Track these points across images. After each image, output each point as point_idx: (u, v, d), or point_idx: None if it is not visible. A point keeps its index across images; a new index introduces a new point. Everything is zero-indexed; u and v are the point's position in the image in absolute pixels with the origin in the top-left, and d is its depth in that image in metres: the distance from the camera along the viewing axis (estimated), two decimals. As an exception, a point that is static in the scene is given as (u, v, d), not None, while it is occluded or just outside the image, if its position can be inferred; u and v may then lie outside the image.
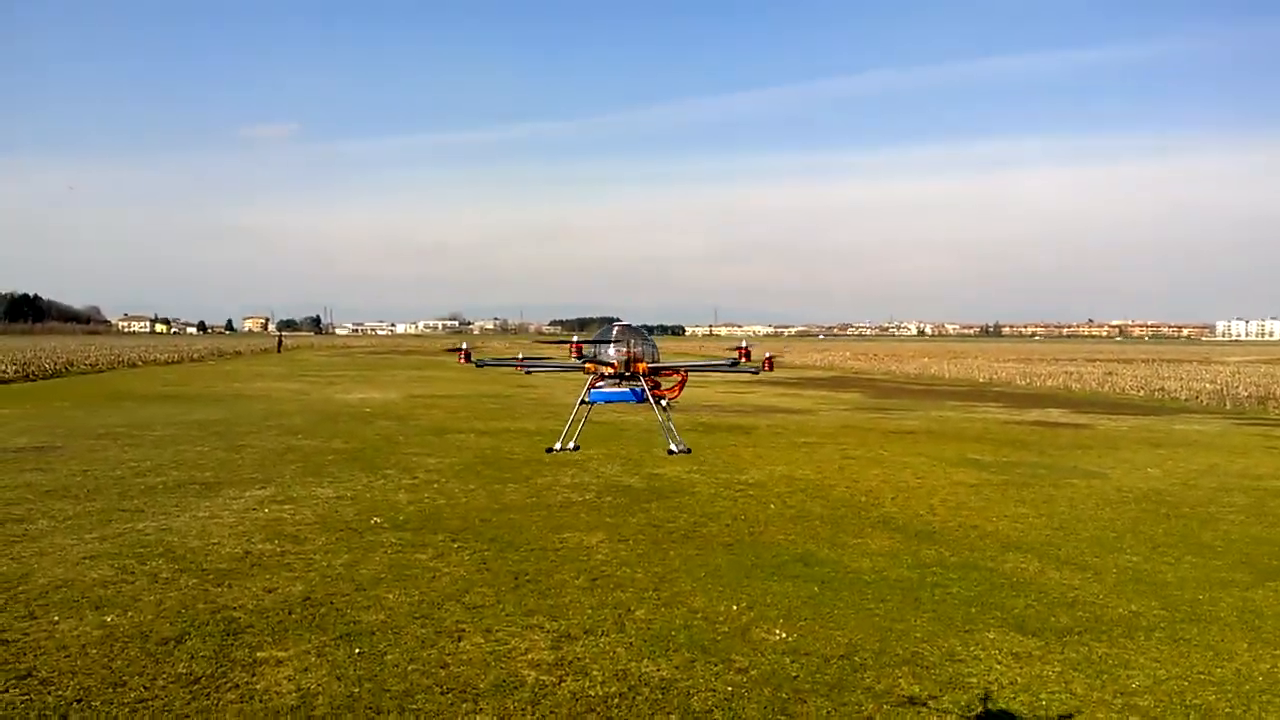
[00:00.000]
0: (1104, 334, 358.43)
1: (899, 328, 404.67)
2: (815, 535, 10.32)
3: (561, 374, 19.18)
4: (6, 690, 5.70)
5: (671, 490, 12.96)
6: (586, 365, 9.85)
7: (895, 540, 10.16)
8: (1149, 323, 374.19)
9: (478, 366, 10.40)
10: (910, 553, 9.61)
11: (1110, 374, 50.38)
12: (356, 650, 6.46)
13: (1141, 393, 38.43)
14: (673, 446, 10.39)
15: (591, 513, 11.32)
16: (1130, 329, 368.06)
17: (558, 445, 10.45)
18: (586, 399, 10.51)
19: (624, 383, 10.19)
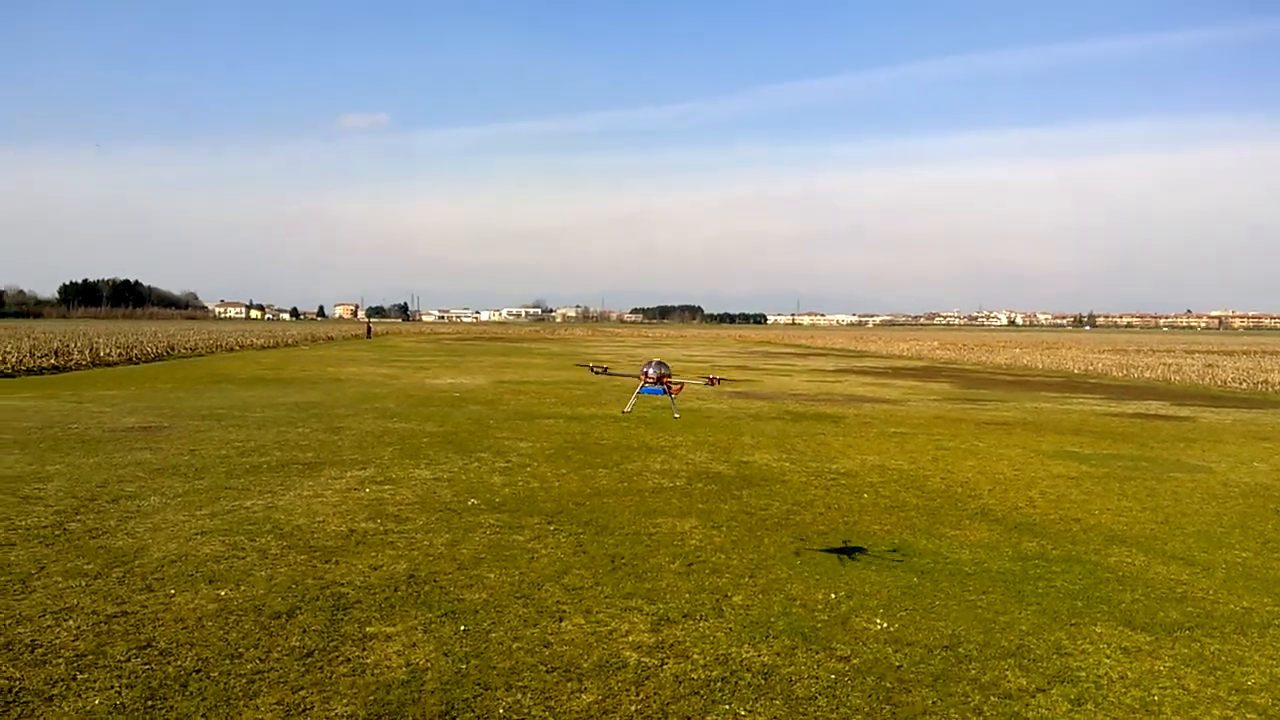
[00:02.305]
0: (1203, 325, 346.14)
1: (988, 317, 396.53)
2: (911, 526, 10.19)
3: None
4: (129, 660, 5.94)
5: (762, 478, 12.92)
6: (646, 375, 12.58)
7: (994, 532, 9.99)
8: (1250, 314, 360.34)
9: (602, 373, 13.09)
10: (1010, 545, 9.43)
11: (1211, 366, 48.67)
12: (462, 628, 6.60)
13: (1244, 385, 37.02)
14: (675, 413, 13.07)
15: (683, 499, 11.35)
16: (1230, 320, 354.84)
17: (628, 408, 13.16)
18: (641, 389, 12.99)
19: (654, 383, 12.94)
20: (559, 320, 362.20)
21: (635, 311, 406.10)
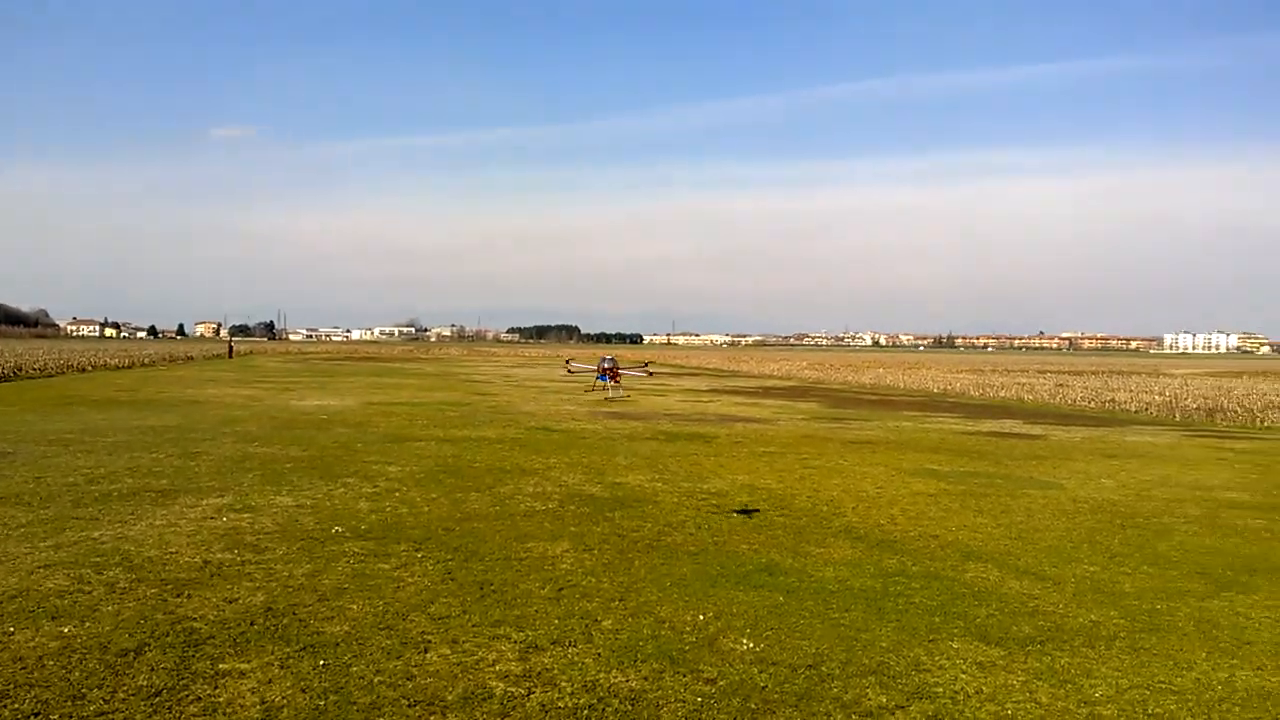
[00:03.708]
0: (1054, 346, 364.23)
1: (854, 338, 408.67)
2: (779, 545, 10.36)
3: (521, 386, 39.23)
4: (-41, 704, 5.55)
5: (634, 500, 12.96)
6: (602, 368, 22.74)
7: (858, 549, 10.24)
8: (1098, 335, 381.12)
9: (570, 372, 16.71)
10: (873, 562, 9.68)
11: (1062, 385, 51.23)
12: (320, 662, 6.38)
13: (1093, 404, 39.09)
14: (615, 395, 16.03)
15: (555, 522, 11.28)
16: (1080, 341, 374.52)
17: (589, 392, 16.69)
18: (598, 377, 22.21)
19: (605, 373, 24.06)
20: (433, 340, 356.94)
21: (512, 331, 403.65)
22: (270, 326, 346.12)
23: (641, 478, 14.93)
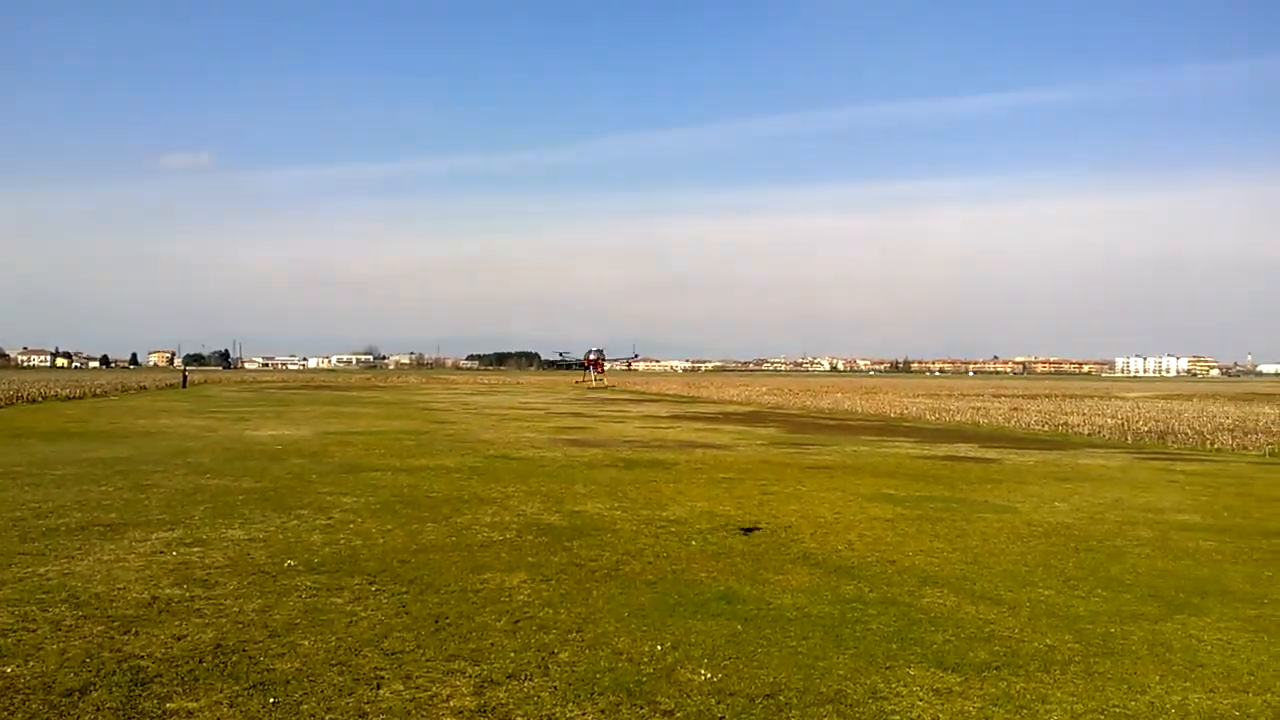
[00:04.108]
0: (1009, 370, 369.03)
1: (812, 363, 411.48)
2: (737, 572, 10.35)
3: (480, 414, 38.71)
4: (-108, 751, 5.37)
5: (593, 528, 12.89)
6: (585, 361, 63.92)
7: (815, 576, 10.25)
8: (1051, 359, 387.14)
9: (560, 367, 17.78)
10: (830, 589, 9.70)
11: (1016, 409, 51.85)
12: (271, 700, 6.25)
13: (1046, 428, 39.58)
14: (603, 382, 16.17)
15: (512, 552, 11.19)
16: (1034, 365, 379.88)
17: (579, 381, 17.01)
18: (586, 369, 65.37)
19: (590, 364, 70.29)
20: (392, 368, 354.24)
21: (471, 358, 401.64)
22: (225, 355, 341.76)
23: (600, 505, 14.87)
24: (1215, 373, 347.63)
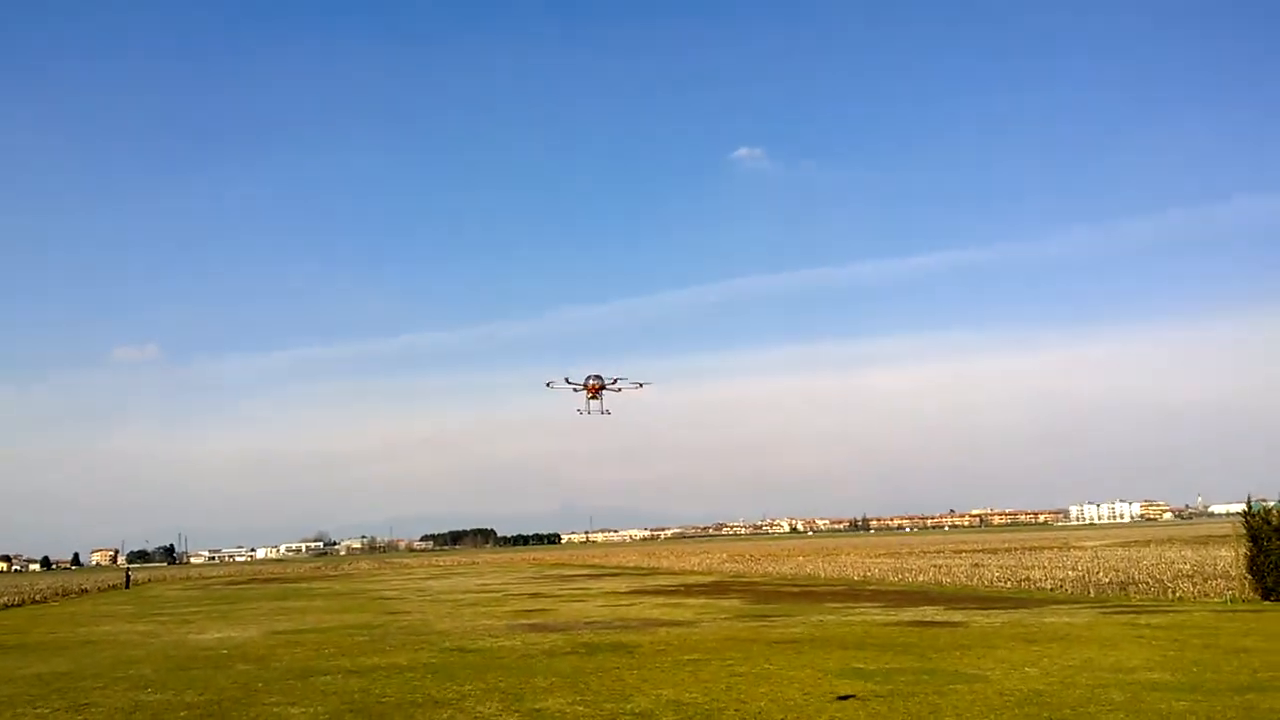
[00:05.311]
0: (966, 523, 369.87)
1: (772, 525, 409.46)
2: (707, 770, 9.91)
3: (436, 600, 40.66)
4: None
5: (554, 727, 12.34)
6: (588, 385, 29.27)
7: (789, 770, 9.83)
8: (1007, 510, 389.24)
9: (565, 382, 24.14)
10: (805, 783, 9.29)
11: (977, 565, 51.70)
12: None
13: (1009, 584, 39.35)
14: (603, 411, 21.01)
15: (470, 761, 10.63)
16: (990, 517, 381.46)
17: (579, 408, 19.29)
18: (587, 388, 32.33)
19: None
20: (343, 553, 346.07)
21: (425, 539, 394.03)
22: (170, 550, 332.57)
23: (561, 701, 14.30)
24: (1169, 515, 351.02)
